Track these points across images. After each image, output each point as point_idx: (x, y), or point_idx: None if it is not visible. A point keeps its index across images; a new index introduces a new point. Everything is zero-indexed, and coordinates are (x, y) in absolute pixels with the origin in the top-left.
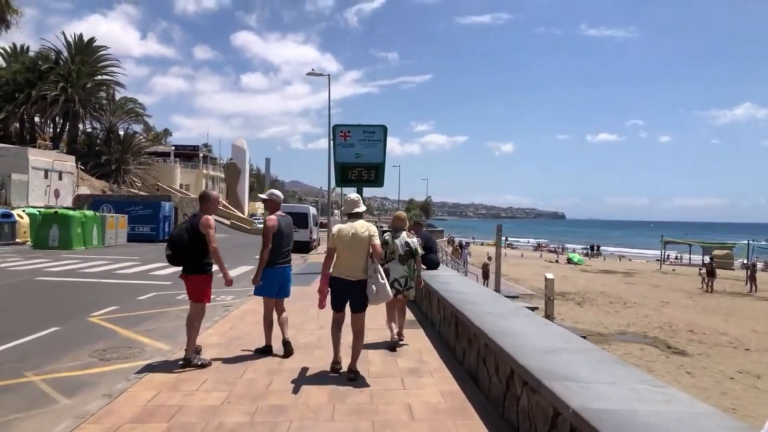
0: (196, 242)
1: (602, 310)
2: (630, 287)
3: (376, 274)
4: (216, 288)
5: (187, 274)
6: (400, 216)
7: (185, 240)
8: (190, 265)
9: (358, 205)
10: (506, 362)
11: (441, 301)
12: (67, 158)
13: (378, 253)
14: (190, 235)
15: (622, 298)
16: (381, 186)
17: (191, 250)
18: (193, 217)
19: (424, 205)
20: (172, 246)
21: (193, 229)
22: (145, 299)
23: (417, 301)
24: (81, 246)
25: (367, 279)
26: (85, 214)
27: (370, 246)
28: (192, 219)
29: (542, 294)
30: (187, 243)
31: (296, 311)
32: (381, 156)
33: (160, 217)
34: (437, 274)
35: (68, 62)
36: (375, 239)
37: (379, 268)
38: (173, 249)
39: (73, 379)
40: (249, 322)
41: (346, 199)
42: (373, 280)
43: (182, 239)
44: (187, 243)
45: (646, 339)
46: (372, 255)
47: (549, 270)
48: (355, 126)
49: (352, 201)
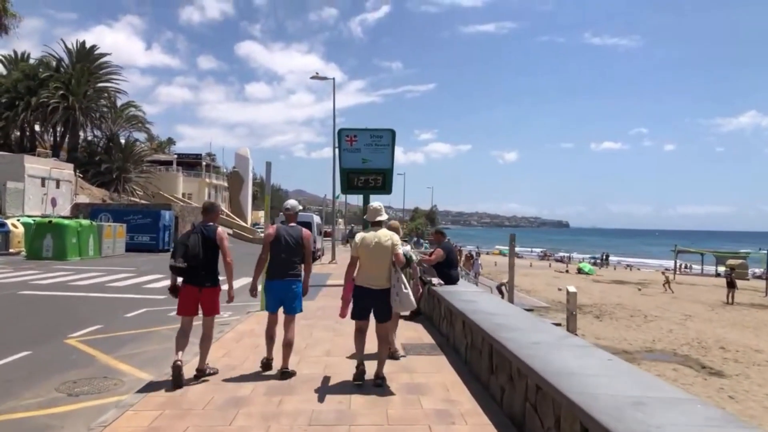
0: (213, 255)
1: (623, 324)
2: (647, 299)
3: (400, 283)
4: None
5: (202, 288)
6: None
7: (203, 253)
8: (208, 278)
9: (381, 214)
10: (574, 416)
11: (468, 324)
12: (64, 166)
13: (400, 261)
14: (206, 248)
15: (641, 311)
16: (389, 193)
17: (210, 263)
18: (205, 228)
19: (430, 214)
20: (188, 259)
21: (208, 242)
22: (133, 317)
23: (434, 320)
24: (76, 256)
25: (390, 288)
26: (80, 223)
27: (393, 255)
28: (204, 230)
29: (558, 306)
30: (204, 256)
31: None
32: (389, 162)
33: (160, 227)
34: (458, 290)
35: (69, 69)
36: (398, 248)
37: (402, 277)
38: (189, 262)
39: (30, 422)
40: (245, 346)
41: (369, 207)
42: (396, 289)
43: (199, 252)
44: (204, 256)
45: (677, 357)
46: (395, 263)
47: (559, 280)
48: (362, 130)
49: (375, 209)
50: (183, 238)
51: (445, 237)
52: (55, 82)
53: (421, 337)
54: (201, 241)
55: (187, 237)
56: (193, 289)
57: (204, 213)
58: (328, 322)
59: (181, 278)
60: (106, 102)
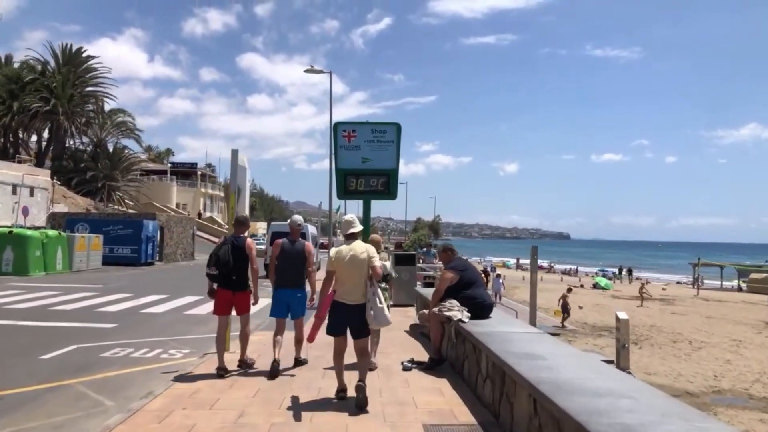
0: (243, 263)
1: (668, 353)
2: (680, 318)
3: (375, 297)
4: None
5: (235, 291)
6: (375, 239)
7: (233, 261)
8: (241, 283)
9: (354, 226)
10: None
11: (548, 410)
12: (39, 172)
13: (377, 275)
14: (236, 257)
15: (681, 335)
16: (393, 198)
17: (241, 270)
18: (236, 239)
19: (433, 225)
20: (219, 266)
21: (238, 251)
22: (50, 359)
23: (467, 375)
24: (40, 271)
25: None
26: (47, 234)
27: (369, 268)
28: (235, 241)
29: (585, 328)
30: (235, 263)
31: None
32: (394, 161)
33: (142, 238)
34: (504, 331)
35: (54, 73)
36: (375, 261)
37: (379, 292)
38: (220, 269)
39: None
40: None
41: (342, 221)
42: (371, 304)
43: (229, 260)
44: (235, 264)
45: (756, 401)
46: (371, 278)
47: (576, 296)
48: (362, 124)
49: (347, 222)
50: (216, 249)
51: (455, 253)
52: (39, 85)
53: (452, 409)
54: (231, 250)
55: (219, 248)
56: (226, 293)
57: (236, 225)
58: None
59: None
60: (93, 107)
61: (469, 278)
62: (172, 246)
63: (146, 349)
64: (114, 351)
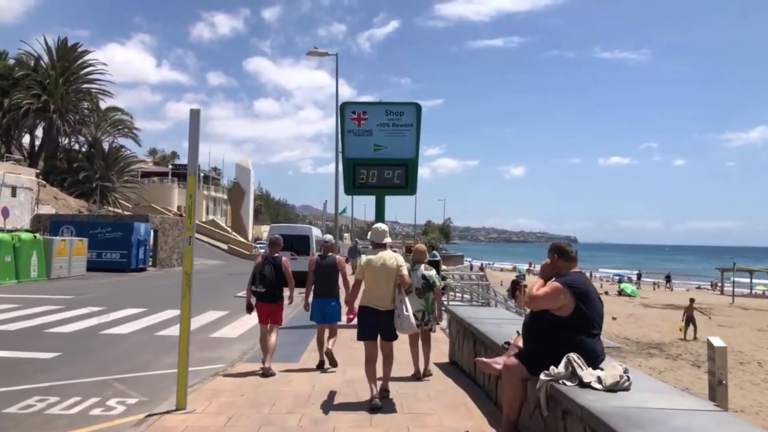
0: (280, 279)
1: (741, 378)
2: (730, 332)
3: (402, 304)
4: None
5: (275, 303)
6: (420, 249)
7: (275, 279)
8: (279, 295)
9: (387, 236)
10: None
11: None
12: (23, 170)
13: (405, 283)
14: (277, 275)
15: (743, 353)
16: (412, 193)
17: (279, 285)
18: (273, 259)
19: (444, 228)
20: (266, 285)
21: (277, 269)
22: None
23: None
24: (11, 279)
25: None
26: (19, 237)
27: (398, 276)
28: (273, 261)
29: (628, 344)
30: (276, 280)
31: None
32: (413, 149)
33: (133, 242)
34: (654, 415)
35: (47, 69)
36: (403, 269)
37: (406, 299)
38: (267, 287)
39: None
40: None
41: (374, 229)
42: (398, 311)
43: (273, 279)
44: (275, 280)
45: None
46: (399, 285)
47: (605, 305)
48: (375, 104)
49: (381, 231)
50: (258, 268)
51: (574, 261)
52: (31, 81)
53: None
54: (273, 270)
55: (262, 267)
56: (268, 306)
57: (270, 246)
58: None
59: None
60: (88, 105)
61: (592, 313)
62: (167, 250)
63: (77, 399)
64: (27, 402)
